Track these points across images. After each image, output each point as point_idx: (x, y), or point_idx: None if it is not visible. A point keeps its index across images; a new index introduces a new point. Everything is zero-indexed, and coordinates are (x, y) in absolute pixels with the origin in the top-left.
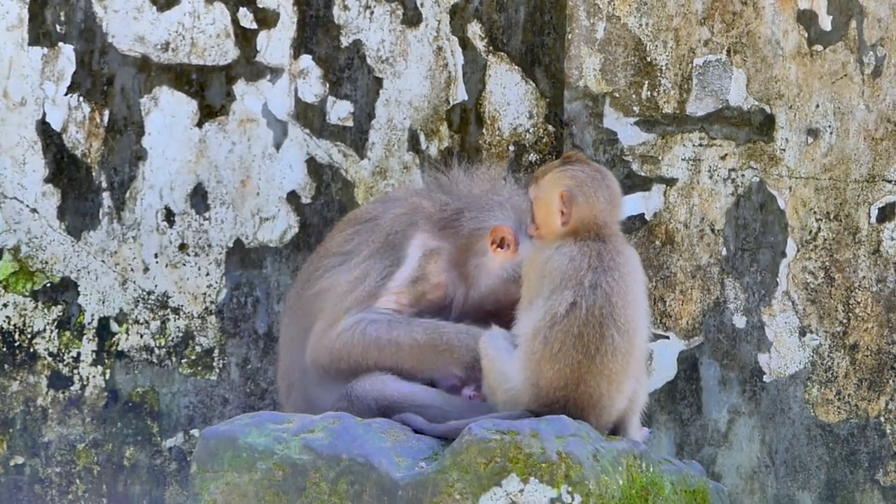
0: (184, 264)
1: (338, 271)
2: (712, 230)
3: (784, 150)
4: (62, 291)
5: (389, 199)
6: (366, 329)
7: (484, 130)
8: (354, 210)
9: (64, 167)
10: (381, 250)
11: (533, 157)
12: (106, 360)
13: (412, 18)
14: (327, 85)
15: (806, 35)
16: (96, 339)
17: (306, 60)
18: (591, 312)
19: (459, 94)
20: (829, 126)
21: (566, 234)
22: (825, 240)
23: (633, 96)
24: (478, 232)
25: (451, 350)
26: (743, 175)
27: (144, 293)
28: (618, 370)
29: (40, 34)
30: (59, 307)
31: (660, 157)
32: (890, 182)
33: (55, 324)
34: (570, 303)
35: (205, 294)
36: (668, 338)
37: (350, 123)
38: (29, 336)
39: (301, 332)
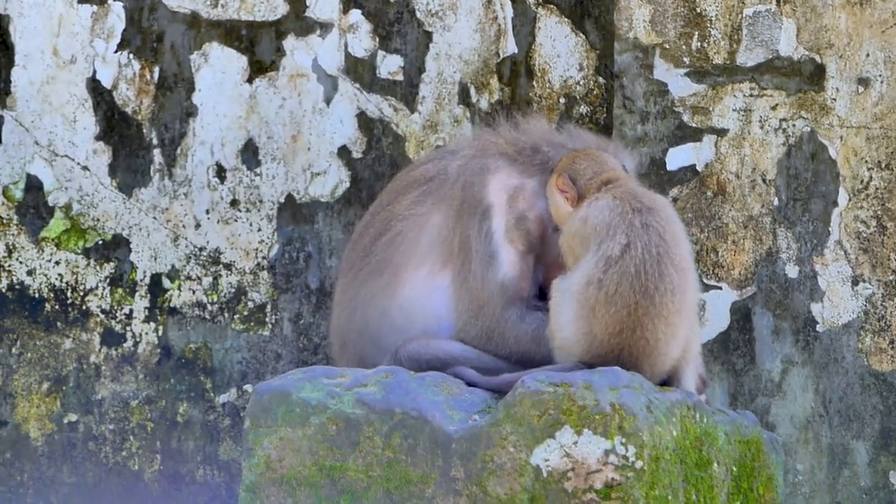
0: (235, 220)
1: (428, 239)
2: (764, 180)
3: (835, 99)
4: (114, 249)
5: (446, 153)
6: (538, 330)
7: (534, 83)
8: (407, 173)
9: (115, 124)
10: (465, 206)
11: (584, 109)
12: (158, 317)
13: None
14: (377, 39)
15: None
16: (149, 295)
17: (356, 15)
18: (647, 250)
19: (509, 46)
20: (880, 75)
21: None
22: (877, 189)
23: (684, 47)
24: None
25: None
26: (794, 125)
27: (196, 249)
28: (675, 310)
29: None
30: (112, 264)
31: (710, 108)
32: None
33: (107, 281)
34: (624, 244)
35: (256, 250)
36: (720, 288)
37: (400, 77)
38: (81, 293)
39: (366, 293)
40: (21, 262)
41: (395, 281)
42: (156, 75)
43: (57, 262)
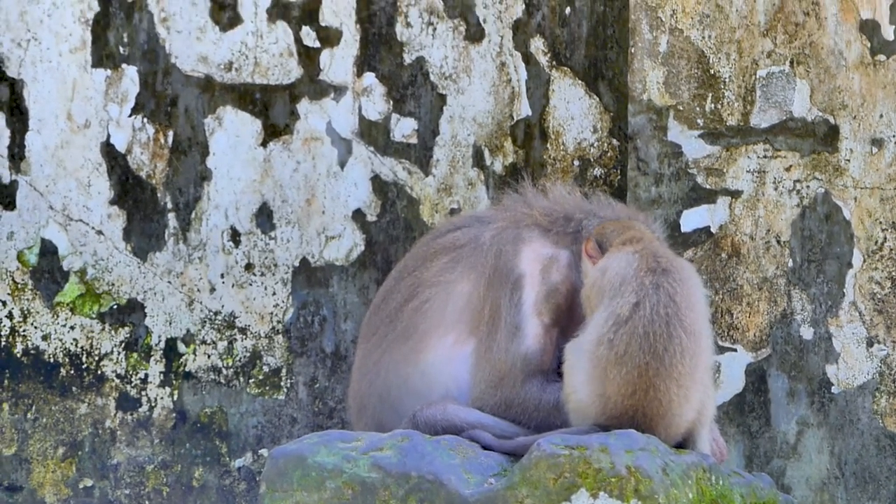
0: (250, 284)
1: (456, 306)
2: (778, 242)
3: (849, 160)
4: (129, 313)
5: (475, 221)
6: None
7: (548, 145)
8: (433, 240)
9: (129, 189)
10: (497, 275)
11: (598, 171)
12: (174, 381)
13: (475, 34)
14: (391, 102)
15: (869, 45)
16: (164, 360)
17: (370, 78)
18: (655, 311)
19: (523, 109)
20: (894, 136)
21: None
22: (891, 249)
23: (697, 109)
24: None
25: None
26: (808, 186)
27: (211, 313)
28: (687, 373)
29: (103, 56)
30: (126, 329)
31: (725, 170)
32: None
33: (122, 346)
34: (633, 303)
35: (272, 314)
36: (735, 350)
37: (414, 140)
38: (96, 358)
39: (389, 359)
40: (36, 327)
41: (420, 347)
42: (170, 139)
43: (72, 327)
